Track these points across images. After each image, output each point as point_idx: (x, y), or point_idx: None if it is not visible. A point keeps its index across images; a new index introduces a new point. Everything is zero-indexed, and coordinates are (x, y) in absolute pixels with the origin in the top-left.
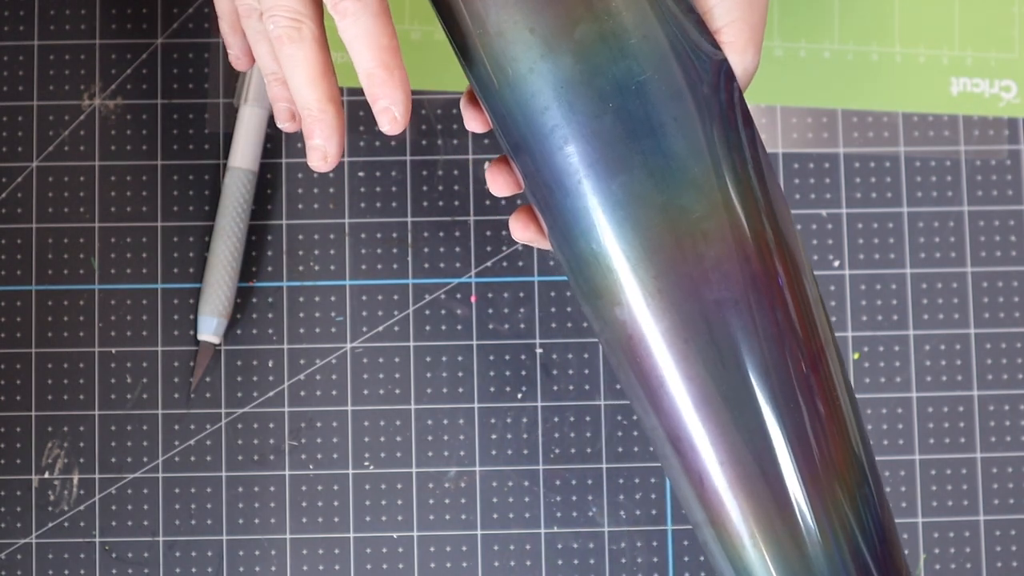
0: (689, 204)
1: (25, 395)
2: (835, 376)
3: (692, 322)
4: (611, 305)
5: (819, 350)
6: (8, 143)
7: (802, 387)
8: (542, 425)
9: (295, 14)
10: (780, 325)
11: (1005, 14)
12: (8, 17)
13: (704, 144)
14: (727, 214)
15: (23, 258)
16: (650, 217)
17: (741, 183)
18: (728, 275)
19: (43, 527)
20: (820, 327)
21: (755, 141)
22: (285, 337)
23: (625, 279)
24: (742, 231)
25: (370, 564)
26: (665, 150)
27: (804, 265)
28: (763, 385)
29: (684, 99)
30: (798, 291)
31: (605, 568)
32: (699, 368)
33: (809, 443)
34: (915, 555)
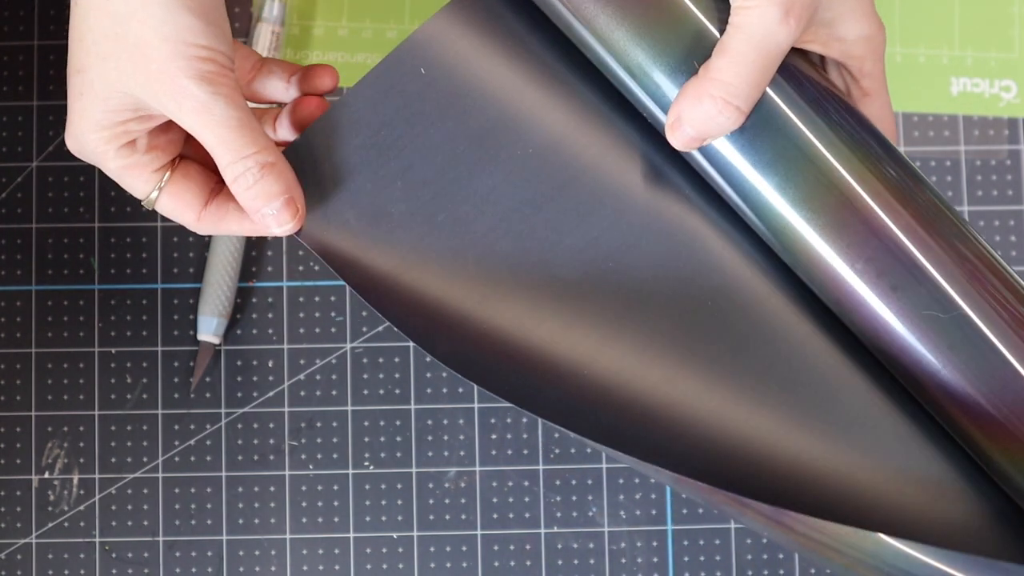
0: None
1: (25, 395)
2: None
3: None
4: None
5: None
6: (8, 143)
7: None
8: (542, 425)
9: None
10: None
11: (1005, 14)
12: (8, 17)
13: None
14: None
15: (23, 258)
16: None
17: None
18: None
19: (43, 527)
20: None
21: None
22: (285, 337)
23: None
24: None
25: (370, 564)
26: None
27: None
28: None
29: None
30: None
31: (605, 568)
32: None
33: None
34: None
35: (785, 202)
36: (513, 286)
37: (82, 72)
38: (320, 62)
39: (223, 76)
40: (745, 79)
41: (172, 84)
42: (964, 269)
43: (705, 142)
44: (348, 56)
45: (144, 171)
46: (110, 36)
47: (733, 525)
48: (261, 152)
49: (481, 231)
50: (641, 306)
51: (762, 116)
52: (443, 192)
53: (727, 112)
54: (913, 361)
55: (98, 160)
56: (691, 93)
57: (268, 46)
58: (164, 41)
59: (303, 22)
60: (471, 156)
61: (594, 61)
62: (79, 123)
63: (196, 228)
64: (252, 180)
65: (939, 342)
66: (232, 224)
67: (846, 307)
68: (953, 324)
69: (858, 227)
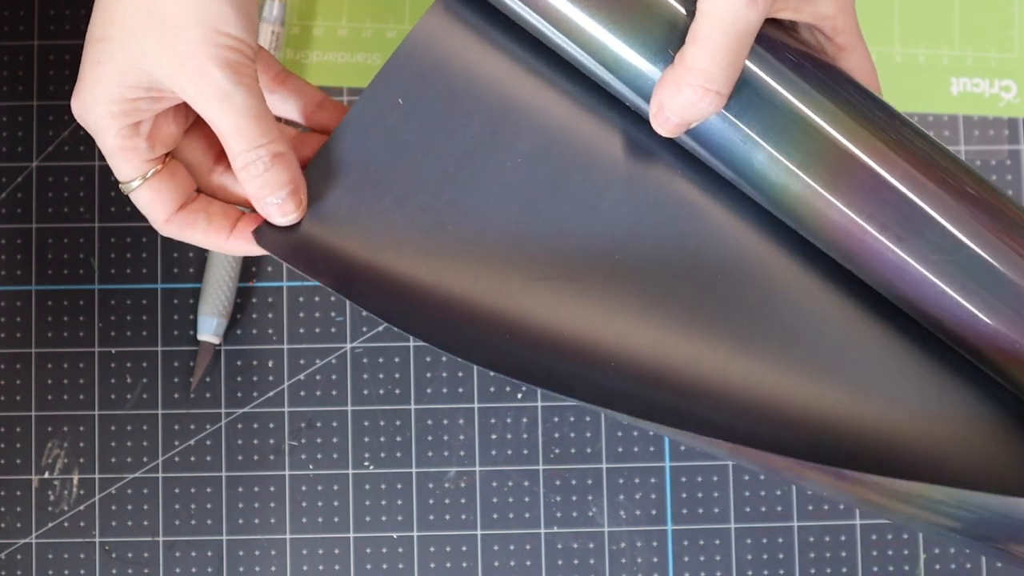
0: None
1: (25, 395)
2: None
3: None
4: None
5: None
6: (8, 143)
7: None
8: (542, 425)
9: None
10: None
11: (1005, 14)
12: (8, 17)
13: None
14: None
15: (23, 258)
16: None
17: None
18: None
19: (43, 527)
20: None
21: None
22: (285, 337)
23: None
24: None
25: (370, 564)
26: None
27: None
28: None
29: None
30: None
31: (605, 568)
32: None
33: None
34: (915, 555)
35: (780, 170)
36: (532, 289)
37: (104, 41)
38: (320, 62)
39: (247, 67)
40: (720, 64)
41: (197, 68)
42: (964, 208)
43: (689, 126)
44: (348, 56)
45: (137, 156)
46: (142, 11)
47: (733, 525)
48: (274, 142)
49: (487, 243)
50: (656, 288)
51: (744, 90)
52: (443, 215)
53: (707, 98)
54: (933, 305)
55: (98, 132)
56: (669, 83)
57: (268, 46)
58: (196, 25)
59: (303, 22)
60: (463, 174)
61: (569, 60)
62: (91, 90)
63: (161, 228)
64: (263, 168)
65: (952, 284)
66: (197, 233)
67: (857, 263)
68: (962, 265)
69: (855, 185)
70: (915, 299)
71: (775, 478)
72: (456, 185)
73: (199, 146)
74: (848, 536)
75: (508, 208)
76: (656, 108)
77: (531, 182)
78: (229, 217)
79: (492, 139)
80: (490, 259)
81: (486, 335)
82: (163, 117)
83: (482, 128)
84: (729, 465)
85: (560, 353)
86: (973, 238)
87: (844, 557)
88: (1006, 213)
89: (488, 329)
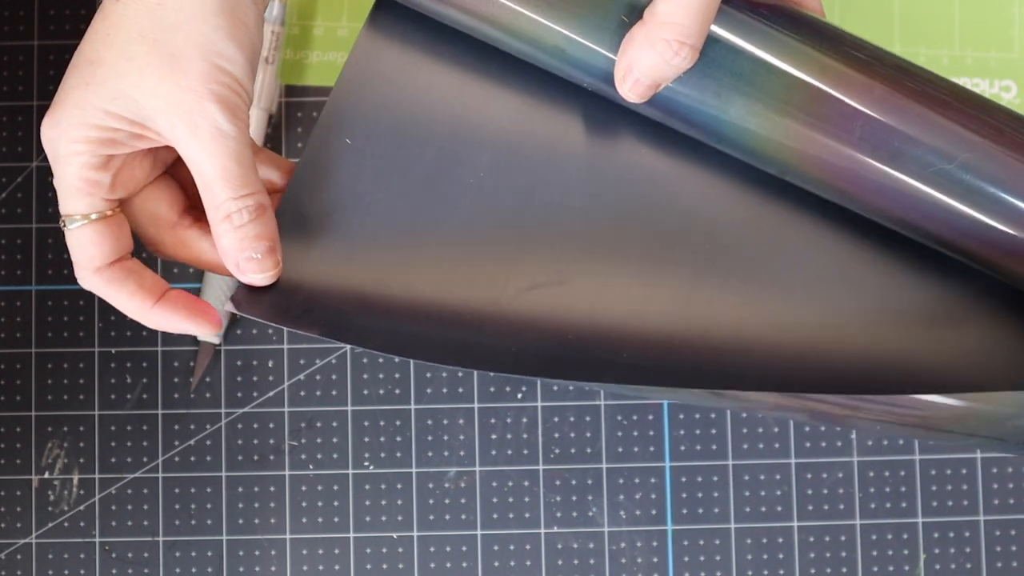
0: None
1: (25, 395)
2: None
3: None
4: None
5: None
6: (8, 143)
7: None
8: (542, 425)
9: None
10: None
11: (1005, 14)
12: (8, 17)
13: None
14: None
15: (23, 258)
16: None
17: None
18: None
19: (43, 527)
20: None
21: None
22: (285, 337)
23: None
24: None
25: (370, 564)
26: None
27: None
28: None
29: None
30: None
31: (605, 568)
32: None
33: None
34: (915, 555)
35: (758, 118)
36: (530, 298)
37: (96, 64)
38: (320, 62)
39: (244, 112)
40: (694, 16)
41: (196, 104)
42: (950, 114)
43: (659, 88)
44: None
45: (96, 193)
46: (147, 40)
47: (733, 525)
48: (259, 194)
49: (473, 260)
50: (654, 264)
51: (710, 44)
52: (416, 243)
53: (683, 52)
54: (940, 220)
55: (67, 156)
56: (640, 41)
57: (268, 46)
58: (202, 60)
59: (303, 22)
60: (428, 200)
61: (514, 52)
62: (72, 111)
63: (87, 278)
64: (246, 219)
65: (956, 190)
66: (123, 294)
67: (856, 194)
68: (962, 170)
69: (837, 114)
70: (921, 217)
71: (826, 422)
72: (425, 211)
73: (165, 197)
74: (848, 536)
75: (484, 220)
76: (624, 71)
77: (501, 190)
78: (158, 286)
79: (452, 159)
80: (480, 273)
81: (496, 343)
82: (134, 158)
83: (439, 152)
84: (729, 465)
85: (578, 346)
86: (966, 141)
87: (844, 557)
88: (988, 111)
89: (498, 337)
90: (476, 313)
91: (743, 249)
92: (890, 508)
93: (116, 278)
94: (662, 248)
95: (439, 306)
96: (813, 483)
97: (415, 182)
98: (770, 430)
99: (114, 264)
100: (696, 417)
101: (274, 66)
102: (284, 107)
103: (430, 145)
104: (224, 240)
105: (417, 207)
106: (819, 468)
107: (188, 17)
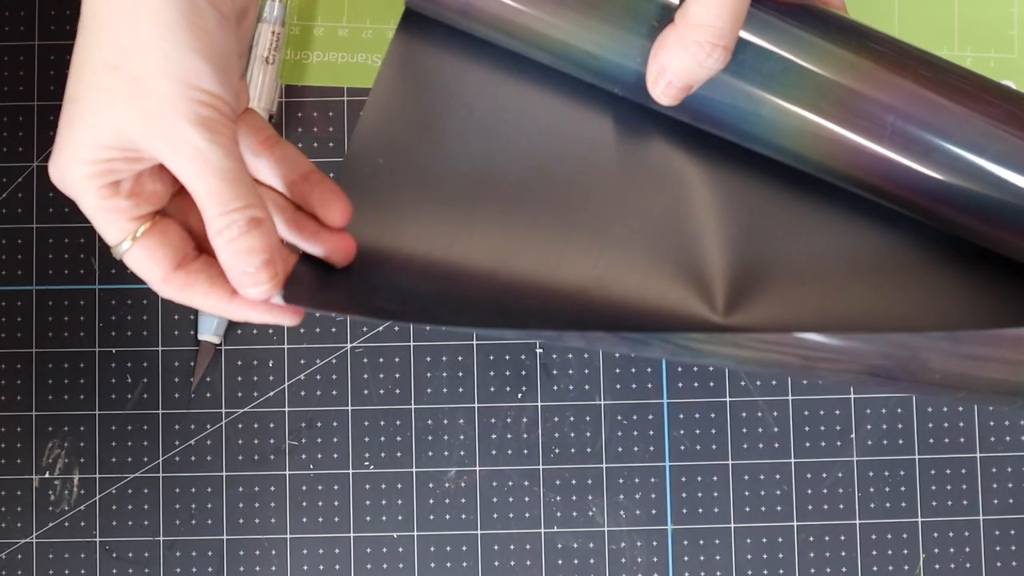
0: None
1: (25, 395)
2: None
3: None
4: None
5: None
6: (8, 143)
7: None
8: (542, 425)
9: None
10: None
11: (1005, 14)
12: (8, 17)
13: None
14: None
15: (23, 258)
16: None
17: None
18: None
19: (43, 527)
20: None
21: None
22: (285, 337)
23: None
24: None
25: (370, 564)
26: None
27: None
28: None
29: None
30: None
31: (605, 568)
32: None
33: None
34: (915, 555)
35: (788, 118)
36: (570, 292)
37: (74, 102)
38: (320, 62)
39: (223, 125)
40: (727, 18)
41: (169, 126)
42: (979, 107)
43: (691, 90)
44: (348, 56)
45: (121, 217)
46: (110, 67)
47: (733, 525)
48: (250, 207)
49: (498, 269)
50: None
51: (739, 47)
52: (450, 255)
53: (715, 54)
54: (974, 212)
55: (78, 195)
56: (672, 44)
57: (268, 46)
58: (167, 80)
59: (303, 22)
60: (460, 217)
61: (545, 62)
62: (65, 153)
63: (160, 289)
64: (236, 233)
65: (988, 182)
66: (197, 296)
67: (889, 189)
68: (994, 161)
69: (868, 112)
70: (952, 213)
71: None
72: (458, 230)
73: (196, 205)
74: (848, 536)
75: (519, 231)
76: (656, 74)
77: (536, 201)
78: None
79: (480, 184)
80: (514, 291)
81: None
82: (144, 175)
83: (466, 178)
84: (729, 465)
85: (637, 315)
86: (995, 133)
87: (844, 557)
88: (1015, 101)
89: (554, 300)
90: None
91: (773, 242)
92: (890, 508)
93: (186, 283)
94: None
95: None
96: (813, 483)
97: (446, 200)
98: (770, 430)
99: (178, 269)
100: (696, 417)
101: (274, 66)
102: (284, 107)
103: (459, 169)
104: (220, 255)
105: (450, 222)
106: (819, 468)
107: (144, 36)
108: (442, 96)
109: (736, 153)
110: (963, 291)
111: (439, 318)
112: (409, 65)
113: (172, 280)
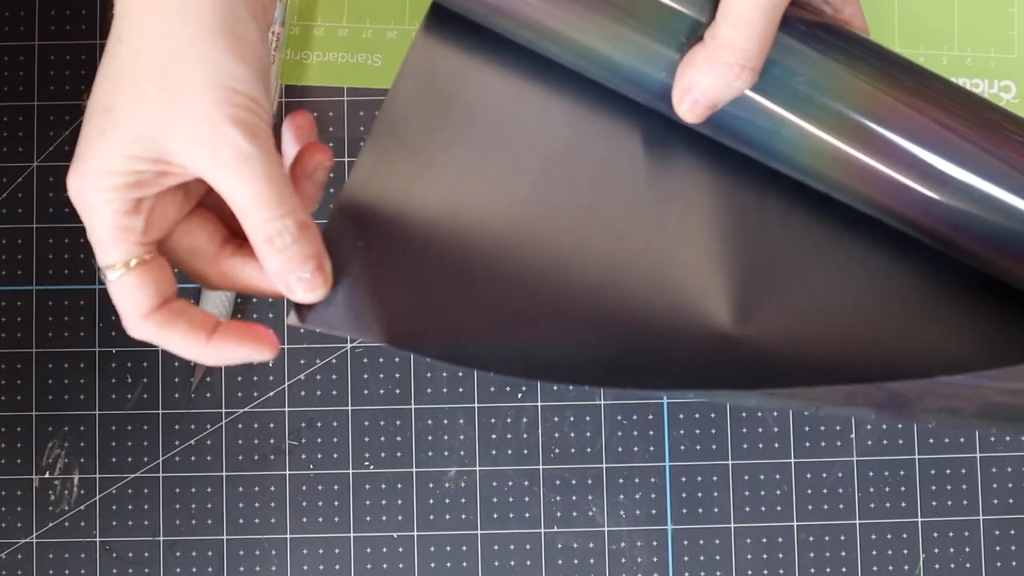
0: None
1: (25, 395)
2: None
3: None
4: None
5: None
6: (8, 143)
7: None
8: (542, 425)
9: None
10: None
11: (1005, 14)
12: (8, 17)
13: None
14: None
15: (23, 258)
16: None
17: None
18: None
19: (43, 527)
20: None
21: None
22: (285, 337)
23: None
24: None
25: (370, 564)
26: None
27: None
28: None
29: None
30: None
31: (605, 568)
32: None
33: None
34: (915, 555)
35: (810, 138)
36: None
37: (110, 111)
38: (320, 62)
39: (264, 130)
40: (756, 41)
41: (215, 132)
42: (999, 140)
43: (717, 108)
44: (348, 56)
45: (130, 238)
46: (153, 77)
47: (733, 525)
48: (298, 211)
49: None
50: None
51: (766, 66)
52: (469, 255)
53: (743, 75)
54: (993, 247)
55: (97, 207)
56: (701, 64)
57: (268, 46)
58: (212, 87)
59: (303, 22)
60: (481, 217)
61: (570, 67)
62: (92, 162)
63: (138, 326)
64: (290, 240)
65: (1008, 215)
66: (176, 335)
67: (907, 214)
68: (1012, 190)
69: (891, 139)
70: (970, 244)
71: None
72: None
73: (203, 230)
74: (848, 536)
75: (538, 235)
76: (683, 92)
77: (556, 206)
78: (208, 321)
79: (504, 175)
80: (532, 303)
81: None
82: (164, 196)
83: (495, 168)
84: (729, 465)
85: (638, 362)
86: (1016, 166)
87: (844, 557)
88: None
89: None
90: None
91: (792, 261)
92: (890, 508)
93: (166, 321)
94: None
95: (499, 317)
96: (813, 483)
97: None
98: (770, 430)
99: (162, 307)
100: (696, 417)
101: (274, 66)
102: (284, 107)
103: (488, 156)
104: (269, 262)
105: (470, 220)
106: (819, 468)
107: (189, 46)
108: (463, 100)
109: (755, 167)
110: (971, 318)
111: (454, 357)
112: (431, 69)
113: (154, 317)
